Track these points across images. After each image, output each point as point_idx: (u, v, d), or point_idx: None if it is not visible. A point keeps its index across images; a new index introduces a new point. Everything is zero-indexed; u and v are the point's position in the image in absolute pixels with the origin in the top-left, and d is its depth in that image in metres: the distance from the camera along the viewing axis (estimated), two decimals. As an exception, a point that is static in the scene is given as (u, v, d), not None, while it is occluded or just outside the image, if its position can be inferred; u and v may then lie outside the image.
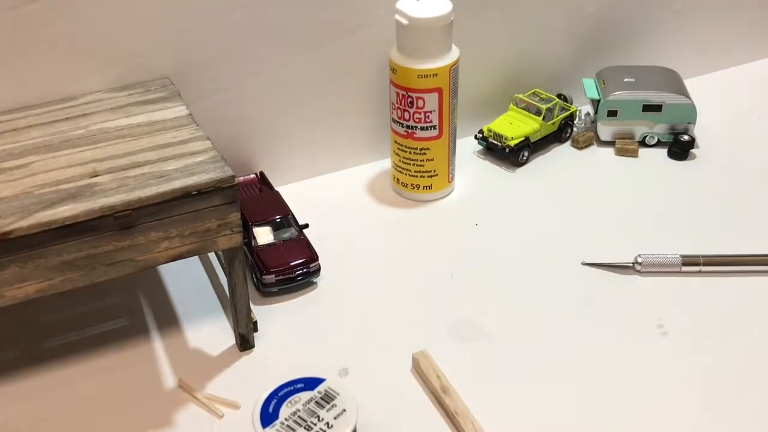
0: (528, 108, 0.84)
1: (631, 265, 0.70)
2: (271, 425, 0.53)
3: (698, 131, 0.86)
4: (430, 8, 0.70)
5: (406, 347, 0.62)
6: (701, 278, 0.69)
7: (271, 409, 0.54)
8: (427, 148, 0.75)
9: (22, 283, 0.54)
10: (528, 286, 0.69)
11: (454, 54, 0.73)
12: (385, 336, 0.64)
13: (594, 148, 0.86)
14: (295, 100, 0.77)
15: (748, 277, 0.69)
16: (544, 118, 0.83)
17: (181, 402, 0.60)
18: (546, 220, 0.76)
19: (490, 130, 0.83)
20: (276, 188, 0.76)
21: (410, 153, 0.76)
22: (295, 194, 0.77)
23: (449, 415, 0.58)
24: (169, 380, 0.61)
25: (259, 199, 0.74)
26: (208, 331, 0.65)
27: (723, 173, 0.82)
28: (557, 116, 0.84)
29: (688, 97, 0.83)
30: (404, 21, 0.71)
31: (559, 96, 0.87)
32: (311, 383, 0.55)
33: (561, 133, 0.85)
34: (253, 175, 0.78)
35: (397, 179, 0.79)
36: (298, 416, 0.53)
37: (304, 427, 0.52)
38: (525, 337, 0.64)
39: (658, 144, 0.85)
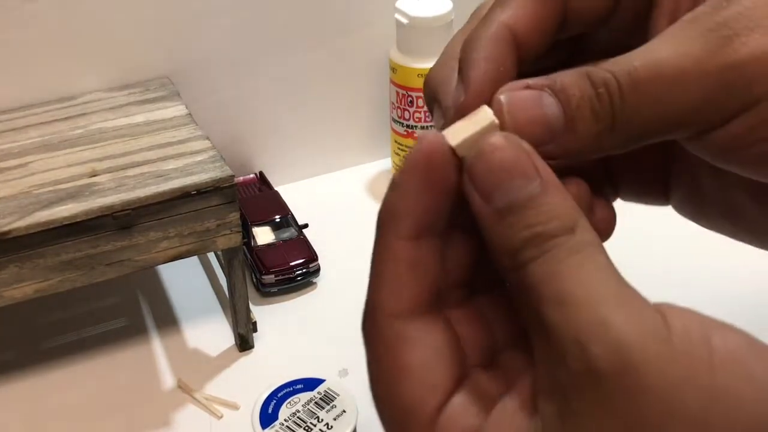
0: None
1: None
2: (270, 426, 0.52)
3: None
4: (430, 7, 0.70)
5: (406, 347, 0.62)
6: (703, 277, 0.69)
7: (270, 410, 0.53)
8: (427, 148, 0.75)
9: (21, 284, 0.53)
10: (528, 286, 0.69)
11: (454, 53, 0.72)
12: (385, 336, 0.64)
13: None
14: (294, 100, 0.77)
15: (748, 278, 0.69)
16: (544, 118, 0.82)
17: (180, 402, 0.59)
18: (546, 220, 0.76)
19: (490, 130, 0.83)
20: (275, 188, 0.76)
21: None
22: (294, 194, 0.76)
23: (449, 416, 0.57)
24: (168, 380, 0.61)
25: (258, 199, 0.73)
26: (208, 332, 0.65)
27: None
28: (558, 116, 0.84)
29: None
30: (404, 20, 0.70)
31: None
32: (311, 384, 0.55)
33: (561, 133, 0.85)
34: (252, 175, 0.78)
35: (397, 179, 0.79)
36: (298, 417, 0.53)
37: (304, 428, 0.52)
38: (525, 337, 0.64)
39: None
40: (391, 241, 0.26)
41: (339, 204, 0.78)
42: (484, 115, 0.25)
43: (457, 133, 0.25)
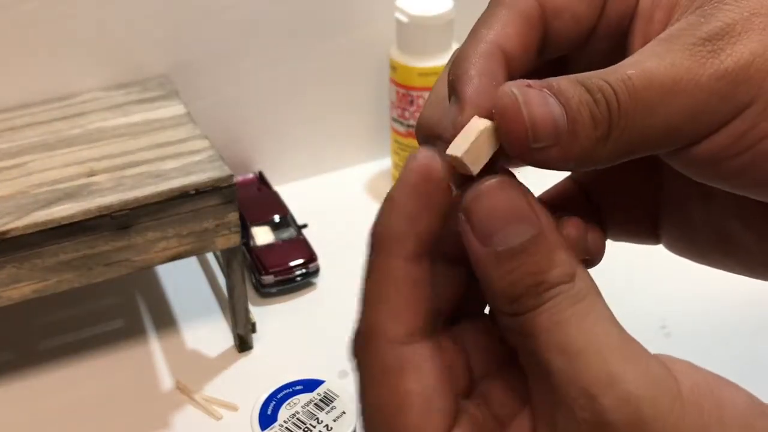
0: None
1: None
2: (269, 427, 0.52)
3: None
4: (430, 6, 0.70)
5: (406, 348, 0.62)
6: (704, 278, 0.69)
7: (269, 412, 0.53)
8: (428, 148, 0.75)
9: (18, 284, 0.53)
10: (529, 287, 0.68)
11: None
12: (385, 337, 0.64)
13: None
14: (294, 99, 0.77)
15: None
16: (545, 118, 0.82)
17: (178, 404, 0.59)
18: (547, 220, 0.75)
19: (490, 130, 0.82)
20: (275, 188, 0.76)
21: (410, 152, 0.75)
22: (294, 194, 0.76)
23: (450, 417, 0.57)
24: (167, 382, 0.61)
25: (257, 199, 0.73)
26: (206, 333, 0.64)
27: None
28: (558, 115, 0.83)
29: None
30: (404, 18, 0.70)
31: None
32: (310, 385, 0.55)
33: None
34: (251, 175, 0.77)
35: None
36: (297, 418, 0.53)
37: (303, 430, 0.52)
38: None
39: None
40: (391, 262, 0.25)
41: (338, 204, 0.78)
42: (478, 123, 0.25)
43: (457, 148, 0.25)
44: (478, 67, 0.26)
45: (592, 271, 0.27)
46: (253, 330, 0.63)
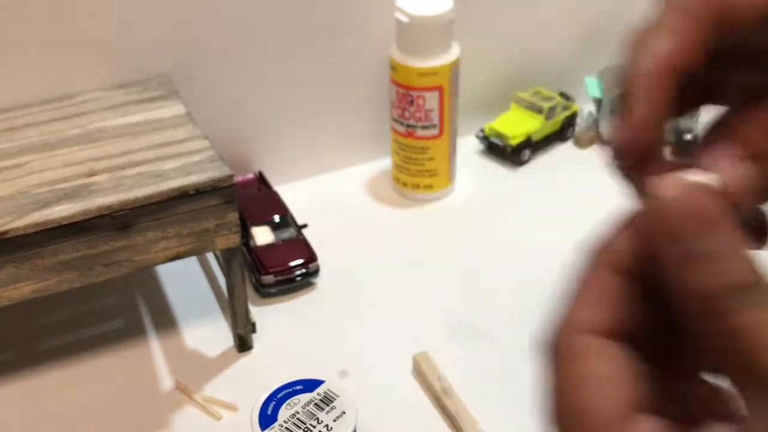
0: (530, 107, 0.83)
1: None
2: (269, 427, 0.52)
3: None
4: (430, 6, 0.70)
5: (406, 348, 0.62)
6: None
7: (269, 412, 0.53)
8: (428, 147, 0.75)
9: (18, 284, 0.53)
10: (530, 287, 0.68)
11: (454, 52, 0.72)
12: (385, 337, 0.64)
13: (597, 148, 0.85)
14: (294, 99, 0.77)
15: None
16: (546, 117, 0.82)
17: (178, 404, 0.59)
18: (548, 220, 0.75)
19: (491, 129, 0.82)
20: (275, 188, 0.76)
21: (410, 152, 0.75)
22: (294, 194, 0.76)
23: (450, 418, 0.57)
24: (167, 382, 0.61)
25: (257, 199, 0.73)
26: (206, 333, 0.65)
27: (726, 173, 0.81)
28: (559, 115, 0.83)
29: (690, 96, 0.83)
30: (405, 19, 0.70)
31: (561, 95, 0.86)
32: (310, 385, 0.55)
33: (563, 132, 0.85)
34: (251, 175, 0.77)
35: (397, 178, 0.78)
36: (297, 418, 0.53)
37: (303, 430, 0.52)
38: (527, 338, 0.63)
39: (661, 143, 0.84)
40: (601, 269, 0.27)
41: (338, 204, 0.78)
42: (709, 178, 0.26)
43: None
44: (647, 88, 0.26)
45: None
46: (253, 330, 0.63)
